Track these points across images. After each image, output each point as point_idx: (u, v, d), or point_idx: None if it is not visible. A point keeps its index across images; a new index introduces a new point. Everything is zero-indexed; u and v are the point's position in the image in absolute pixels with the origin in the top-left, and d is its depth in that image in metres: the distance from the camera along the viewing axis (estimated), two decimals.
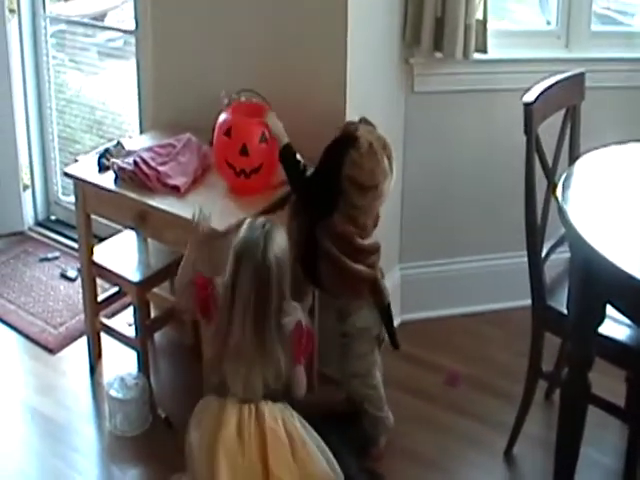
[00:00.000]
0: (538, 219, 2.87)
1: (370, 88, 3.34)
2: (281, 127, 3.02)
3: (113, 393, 3.25)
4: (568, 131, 3.04)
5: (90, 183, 3.26)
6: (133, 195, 3.14)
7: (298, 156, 2.98)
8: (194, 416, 2.80)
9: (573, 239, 2.46)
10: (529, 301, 2.94)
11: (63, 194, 4.61)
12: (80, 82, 4.51)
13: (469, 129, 3.69)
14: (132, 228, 3.45)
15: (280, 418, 2.71)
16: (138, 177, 3.15)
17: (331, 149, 2.91)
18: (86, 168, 3.33)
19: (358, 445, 3.09)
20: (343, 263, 2.94)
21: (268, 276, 2.59)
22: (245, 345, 2.63)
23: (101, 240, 3.61)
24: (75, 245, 3.69)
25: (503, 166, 3.59)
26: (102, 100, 4.43)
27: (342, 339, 3.08)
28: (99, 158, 3.31)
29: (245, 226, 2.67)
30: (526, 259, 2.89)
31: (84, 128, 4.52)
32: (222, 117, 3.14)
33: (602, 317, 2.52)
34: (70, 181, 3.48)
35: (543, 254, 2.91)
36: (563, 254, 2.95)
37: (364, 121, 2.95)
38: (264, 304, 2.61)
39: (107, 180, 3.23)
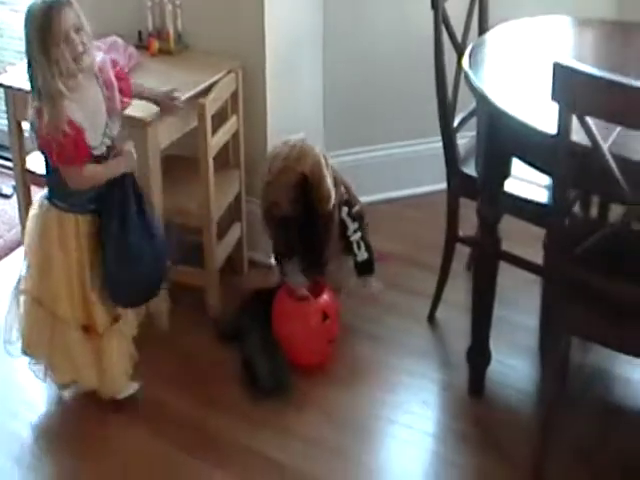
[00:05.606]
0: (449, 92, 2.98)
1: None
2: None
3: None
4: (477, 5, 3.14)
5: (20, 89, 3.31)
6: None
7: None
8: None
9: (478, 98, 2.58)
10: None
11: None
12: None
13: (385, 19, 3.74)
14: None
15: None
16: None
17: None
18: (16, 77, 3.38)
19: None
20: None
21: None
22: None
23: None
24: (8, 164, 3.68)
25: (419, 53, 3.53)
26: None
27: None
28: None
29: None
30: None
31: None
32: None
33: (507, 171, 2.67)
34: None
35: (455, 124, 3.04)
36: (474, 132, 3.03)
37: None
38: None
39: None
